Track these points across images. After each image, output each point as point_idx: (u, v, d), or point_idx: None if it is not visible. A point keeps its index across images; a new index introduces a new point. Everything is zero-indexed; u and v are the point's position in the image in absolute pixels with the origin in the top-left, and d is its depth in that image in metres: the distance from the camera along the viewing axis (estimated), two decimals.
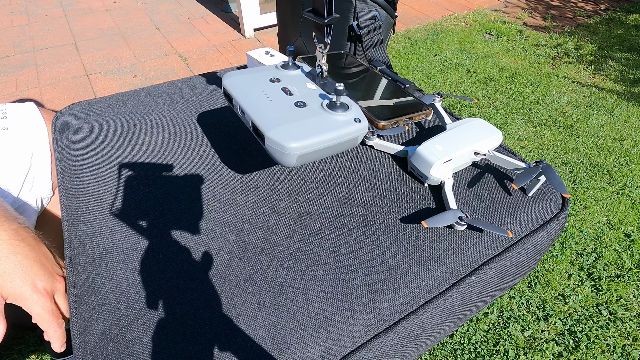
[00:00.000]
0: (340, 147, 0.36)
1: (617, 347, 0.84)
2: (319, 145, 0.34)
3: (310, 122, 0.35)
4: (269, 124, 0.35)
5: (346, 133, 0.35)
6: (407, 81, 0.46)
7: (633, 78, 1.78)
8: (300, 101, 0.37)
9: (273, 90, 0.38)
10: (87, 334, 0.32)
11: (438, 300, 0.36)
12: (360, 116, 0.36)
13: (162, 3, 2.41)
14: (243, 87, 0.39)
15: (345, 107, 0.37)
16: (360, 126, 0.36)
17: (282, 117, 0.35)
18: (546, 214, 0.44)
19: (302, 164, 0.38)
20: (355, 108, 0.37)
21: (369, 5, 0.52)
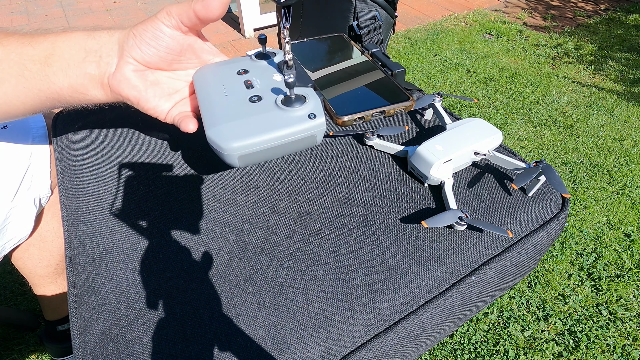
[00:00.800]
0: (293, 146, 0.33)
1: (617, 347, 0.84)
2: (263, 144, 0.32)
3: (257, 120, 0.32)
4: (212, 121, 0.32)
5: (297, 131, 0.32)
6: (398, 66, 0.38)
7: (633, 78, 1.78)
8: (256, 95, 0.34)
9: (234, 84, 0.35)
10: (87, 334, 0.32)
11: (438, 300, 0.36)
12: (316, 111, 0.32)
13: (162, 3, 2.41)
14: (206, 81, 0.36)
15: (302, 100, 0.33)
16: (314, 123, 0.32)
17: (229, 113, 0.33)
18: (546, 214, 0.44)
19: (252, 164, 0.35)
20: (313, 102, 0.33)
21: (369, 5, 0.52)
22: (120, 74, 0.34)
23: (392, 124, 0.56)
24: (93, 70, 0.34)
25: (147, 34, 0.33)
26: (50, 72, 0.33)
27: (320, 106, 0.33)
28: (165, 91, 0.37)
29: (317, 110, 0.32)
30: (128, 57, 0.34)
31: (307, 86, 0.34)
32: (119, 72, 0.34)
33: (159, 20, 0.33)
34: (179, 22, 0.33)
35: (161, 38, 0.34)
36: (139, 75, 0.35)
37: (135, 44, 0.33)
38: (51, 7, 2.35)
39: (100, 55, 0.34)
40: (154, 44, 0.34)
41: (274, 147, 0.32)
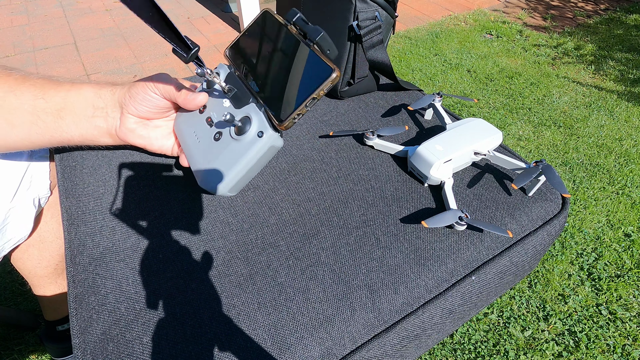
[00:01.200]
0: (262, 161, 0.37)
1: (617, 347, 0.84)
2: (238, 175, 0.36)
3: (225, 157, 0.36)
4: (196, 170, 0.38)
5: (255, 152, 0.35)
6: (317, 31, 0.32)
7: (633, 78, 1.78)
8: (217, 132, 0.38)
9: (200, 126, 0.40)
10: (87, 334, 0.32)
11: (438, 300, 0.36)
12: (262, 127, 0.35)
13: (162, 3, 2.41)
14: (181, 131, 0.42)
15: (248, 122, 0.36)
16: (265, 139, 0.35)
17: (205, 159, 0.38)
18: (546, 214, 0.44)
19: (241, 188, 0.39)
20: (257, 119, 0.35)
21: (369, 5, 0.52)
22: (125, 127, 0.41)
23: (392, 124, 0.56)
24: (102, 124, 0.41)
25: (139, 97, 0.40)
26: (63, 124, 0.39)
27: (265, 121, 0.35)
28: (166, 132, 0.44)
29: (263, 126, 0.35)
30: (127, 113, 0.41)
31: (248, 102, 0.37)
32: (123, 126, 0.41)
33: (148, 88, 0.39)
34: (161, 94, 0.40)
35: (150, 101, 0.40)
36: (141, 124, 0.42)
37: (131, 104, 0.40)
38: (51, 7, 2.35)
39: (107, 112, 0.41)
40: (146, 104, 0.40)
41: (247, 171, 0.37)
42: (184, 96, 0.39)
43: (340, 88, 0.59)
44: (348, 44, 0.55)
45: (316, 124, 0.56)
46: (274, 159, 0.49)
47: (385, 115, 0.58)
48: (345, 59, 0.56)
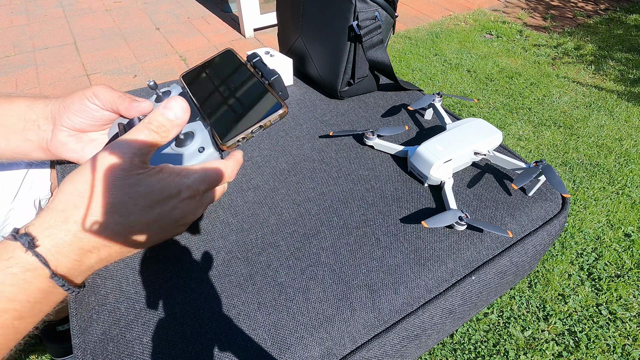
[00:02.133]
0: None
1: (617, 347, 0.84)
2: None
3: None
4: None
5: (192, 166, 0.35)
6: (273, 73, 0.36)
7: (633, 78, 1.78)
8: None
9: None
10: (87, 334, 0.32)
11: (438, 300, 0.36)
12: (204, 144, 0.35)
13: (162, 3, 2.41)
14: None
15: (191, 137, 0.36)
16: (205, 155, 0.35)
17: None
18: (546, 214, 0.44)
19: None
20: (200, 136, 0.36)
21: (369, 5, 0.52)
22: (57, 140, 0.39)
23: (392, 123, 0.56)
24: (32, 137, 0.38)
25: (74, 107, 0.37)
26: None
27: (208, 138, 0.36)
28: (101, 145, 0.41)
29: (205, 143, 0.35)
30: (60, 125, 0.38)
31: (195, 120, 0.37)
32: (54, 139, 0.39)
33: (85, 97, 0.37)
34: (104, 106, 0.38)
35: (87, 112, 0.38)
36: (75, 137, 0.39)
37: (65, 115, 0.38)
38: (51, 7, 2.35)
39: (38, 124, 0.38)
40: (81, 116, 0.38)
41: None
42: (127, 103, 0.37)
43: (340, 88, 0.59)
44: (348, 44, 0.55)
45: (316, 124, 0.56)
46: (274, 158, 0.49)
47: (385, 115, 0.58)
48: (345, 59, 0.56)
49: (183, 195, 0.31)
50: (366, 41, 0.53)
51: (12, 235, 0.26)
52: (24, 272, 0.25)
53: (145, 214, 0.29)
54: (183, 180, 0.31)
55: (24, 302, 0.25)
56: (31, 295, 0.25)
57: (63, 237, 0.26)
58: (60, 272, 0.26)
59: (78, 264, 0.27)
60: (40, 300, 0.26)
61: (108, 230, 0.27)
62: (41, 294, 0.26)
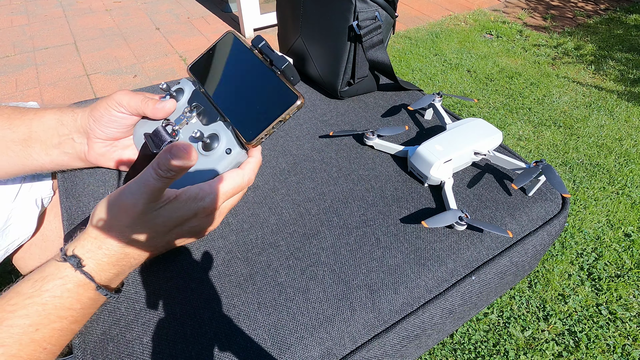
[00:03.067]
0: None
1: (617, 347, 0.84)
2: None
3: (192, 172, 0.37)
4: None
5: (224, 168, 0.37)
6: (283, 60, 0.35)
7: (633, 78, 1.78)
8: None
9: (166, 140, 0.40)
10: (87, 334, 0.32)
11: (438, 300, 0.36)
12: (230, 145, 0.36)
13: (162, 3, 2.41)
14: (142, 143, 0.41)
15: (216, 140, 0.37)
16: (233, 156, 0.36)
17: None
18: (546, 214, 0.44)
19: None
20: (225, 137, 0.37)
21: (369, 5, 0.52)
22: (94, 152, 0.41)
23: (392, 123, 0.56)
24: (69, 150, 0.41)
25: (104, 119, 0.39)
26: (32, 152, 0.39)
27: (233, 139, 0.37)
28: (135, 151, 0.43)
29: (231, 144, 0.37)
30: (94, 138, 0.40)
31: (215, 120, 0.38)
32: (92, 151, 0.41)
33: (110, 107, 0.39)
34: (129, 112, 0.40)
35: (115, 121, 0.40)
36: (111, 147, 0.42)
37: (97, 128, 0.40)
38: (51, 7, 2.35)
39: (72, 138, 0.40)
40: (112, 126, 0.40)
41: None
42: (152, 105, 0.39)
43: (340, 88, 0.59)
44: (348, 44, 0.55)
45: (316, 124, 0.56)
46: (274, 158, 0.49)
47: (385, 115, 0.58)
48: (345, 59, 0.56)
49: (200, 215, 0.35)
50: (366, 41, 0.53)
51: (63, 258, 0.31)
52: (77, 287, 0.30)
53: (166, 236, 0.34)
54: (199, 203, 0.34)
55: (78, 309, 0.31)
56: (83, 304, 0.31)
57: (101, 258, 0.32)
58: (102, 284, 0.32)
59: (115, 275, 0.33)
60: (90, 306, 0.32)
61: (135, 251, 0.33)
62: (90, 301, 0.32)
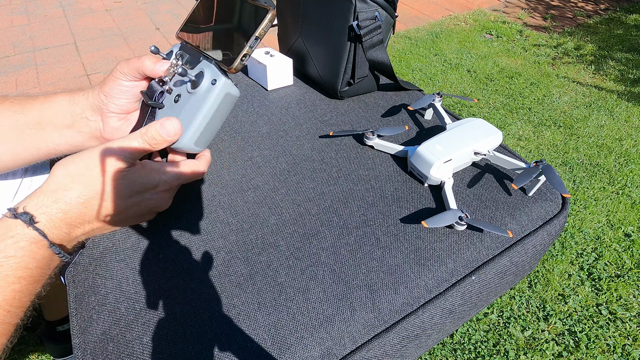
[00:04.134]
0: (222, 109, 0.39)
1: (617, 347, 0.84)
2: (201, 125, 0.38)
3: (186, 112, 0.38)
4: None
5: (212, 100, 0.37)
6: None
7: (633, 78, 1.78)
8: (176, 95, 0.40)
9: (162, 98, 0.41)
10: (87, 334, 0.32)
11: (438, 300, 0.36)
12: (215, 76, 0.37)
13: (162, 3, 2.41)
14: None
15: (201, 76, 0.38)
16: (219, 85, 0.37)
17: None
18: (546, 214, 0.44)
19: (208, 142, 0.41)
20: (209, 71, 0.38)
21: (369, 5, 0.52)
22: (110, 127, 0.41)
23: (392, 123, 0.56)
24: (84, 129, 0.41)
25: (114, 91, 0.40)
26: (46, 135, 0.39)
27: (216, 70, 0.38)
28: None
29: (216, 75, 0.38)
30: (108, 112, 0.41)
31: (199, 61, 0.39)
32: (107, 126, 0.41)
33: (117, 79, 0.40)
34: (133, 77, 0.40)
35: (126, 91, 0.40)
36: (125, 121, 0.42)
37: (110, 101, 0.40)
38: (51, 7, 2.35)
39: (86, 116, 0.41)
40: (123, 96, 0.41)
41: (209, 121, 0.38)
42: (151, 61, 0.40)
43: (340, 88, 0.59)
44: (348, 44, 0.55)
45: (316, 124, 0.56)
46: (274, 158, 0.49)
47: (385, 115, 0.58)
48: (345, 59, 0.56)
49: (159, 188, 0.37)
50: (366, 41, 0.53)
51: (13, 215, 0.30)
52: (29, 244, 0.30)
53: (125, 201, 0.35)
54: (161, 176, 0.36)
55: (34, 268, 0.30)
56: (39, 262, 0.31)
57: (55, 214, 0.31)
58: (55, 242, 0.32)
59: (67, 236, 0.33)
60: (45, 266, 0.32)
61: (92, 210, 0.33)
62: (45, 260, 0.31)
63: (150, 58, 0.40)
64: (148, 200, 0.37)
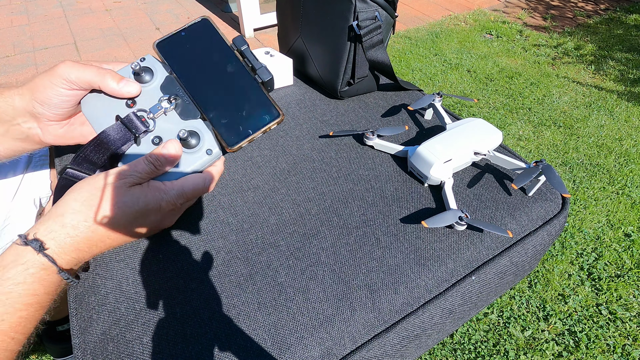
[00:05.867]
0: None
1: (617, 347, 0.84)
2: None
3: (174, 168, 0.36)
4: None
5: (200, 167, 0.37)
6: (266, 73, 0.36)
7: (633, 78, 1.78)
8: (156, 137, 0.36)
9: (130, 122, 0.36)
10: (87, 334, 0.32)
11: (438, 300, 0.36)
12: (211, 146, 0.37)
13: (162, 3, 2.41)
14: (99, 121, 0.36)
15: (197, 138, 0.36)
16: (212, 157, 0.37)
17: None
18: (546, 214, 0.44)
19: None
20: (207, 137, 0.37)
21: (369, 5, 0.52)
22: (50, 135, 0.38)
23: (392, 123, 0.56)
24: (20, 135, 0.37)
25: (53, 101, 0.35)
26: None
27: (214, 140, 0.37)
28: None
29: (212, 145, 0.37)
30: (46, 121, 0.36)
31: (194, 116, 0.37)
32: (48, 134, 0.37)
33: (59, 87, 0.34)
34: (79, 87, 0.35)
35: (67, 100, 0.36)
36: (68, 126, 0.39)
37: (47, 111, 0.36)
38: (51, 7, 2.35)
39: (19, 123, 0.36)
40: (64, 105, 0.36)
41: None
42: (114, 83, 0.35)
43: (340, 88, 0.59)
44: (348, 44, 0.55)
45: (316, 124, 0.56)
46: (274, 158, 0.49)
47: (385, 115, 0.58)
48: (345, 59, 0.56)
49: (163, 210, 0.35)
50: (366, 41, 0.53)
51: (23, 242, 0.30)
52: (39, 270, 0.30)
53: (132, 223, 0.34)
54: (163, 196, 0.35)
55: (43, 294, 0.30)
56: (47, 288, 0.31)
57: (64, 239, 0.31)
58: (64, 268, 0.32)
59: (75, 260, 0.32)
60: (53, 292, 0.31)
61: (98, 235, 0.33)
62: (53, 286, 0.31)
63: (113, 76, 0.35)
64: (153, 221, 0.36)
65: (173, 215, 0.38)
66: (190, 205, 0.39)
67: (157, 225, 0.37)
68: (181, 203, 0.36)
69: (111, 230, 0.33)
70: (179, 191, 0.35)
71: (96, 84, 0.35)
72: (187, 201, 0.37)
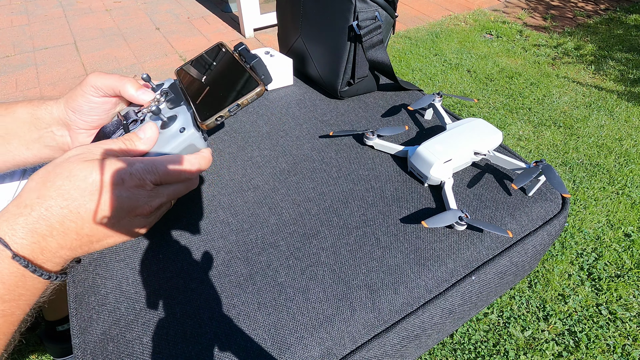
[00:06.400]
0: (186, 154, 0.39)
1: (617, 347, 0.84)
2: None
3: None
4: None
5: (175, 145, 0.37)
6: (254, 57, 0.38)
7: (633, 78, 1.78)
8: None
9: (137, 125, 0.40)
10: (87, 334, 0.32)
11: (438, 300, 0.36)
12: (186, 125, 0.38)
13: (162, 3, 2.41)
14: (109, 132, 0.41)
15: (174, 119, 0.38)
16: (186, 135, 0.37)
17: None
18: (546, 214, 0.44)
19: None
20: (182, 118, 0.38)
21: (369, 5, 0.52)
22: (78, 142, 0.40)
23: (392, 123, 0.56)
24: (51, 142, 0.40)
25: (84, 108, 0.38)
26: (12, 148, 0.38)
27: (190, 119, 0.38)
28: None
29: (186, 124, 0.38)
30: (77, 129, 0.39)
31: (179, 105, 0.40)
32: (76, 142, 0.40)
33: (87, 94, 0.38)
34: (105, 93, 0.39)
35: (96, 107, 0.39)
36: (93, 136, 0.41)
37: (79, 118, 0.39)
38: (51, 7, 2.35)
39: (52, 131, 0.39)
40: (93, 113, 0.39)
41: None
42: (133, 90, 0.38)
43: (340, 88, 0.59)
44: (348, 44, 0.55)
45: (316, 124, 0.56)
46: (274, 158, 0.49)
47: (385, 115, 0.58)
48: (345, 59, 0.56)
49: (127, 184, 0.32)
50: (366, 41, 0.53)
51: None
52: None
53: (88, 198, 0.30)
54: (125, 168, 0.32)
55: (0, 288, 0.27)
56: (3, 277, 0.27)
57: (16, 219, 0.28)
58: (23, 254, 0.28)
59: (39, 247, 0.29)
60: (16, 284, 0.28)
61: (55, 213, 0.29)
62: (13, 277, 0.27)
63: (133, 83, 0.39)
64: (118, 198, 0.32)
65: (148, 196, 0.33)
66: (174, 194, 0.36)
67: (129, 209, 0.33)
68: (152, 180, 0.33)
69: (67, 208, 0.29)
70: (147, 165, 0.33)
71: (117, 89, 0.38)
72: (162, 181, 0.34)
